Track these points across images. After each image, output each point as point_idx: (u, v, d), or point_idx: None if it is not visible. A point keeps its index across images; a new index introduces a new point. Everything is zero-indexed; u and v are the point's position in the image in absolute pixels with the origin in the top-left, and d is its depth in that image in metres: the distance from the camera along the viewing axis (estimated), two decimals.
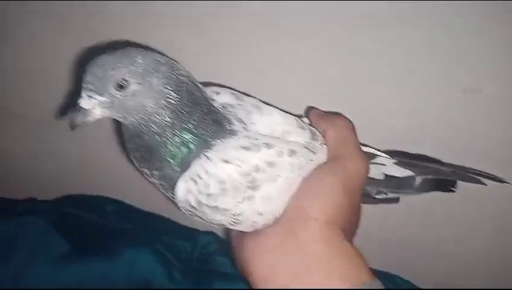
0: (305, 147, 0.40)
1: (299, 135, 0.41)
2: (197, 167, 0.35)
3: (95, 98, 0.33)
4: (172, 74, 0.34)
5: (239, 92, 0.42)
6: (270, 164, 0.37)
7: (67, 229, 0.66)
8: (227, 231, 0.46)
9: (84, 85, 0.33)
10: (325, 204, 0.38)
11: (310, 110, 0.49)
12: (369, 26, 0.46)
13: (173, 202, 0.39)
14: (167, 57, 0.35)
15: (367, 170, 0.43)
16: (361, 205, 0.44)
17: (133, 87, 0.33)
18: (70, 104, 0.34)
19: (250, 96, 0.42)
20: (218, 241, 0.70)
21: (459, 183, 0.49)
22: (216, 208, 0.36)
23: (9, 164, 0.77)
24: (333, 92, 0.54)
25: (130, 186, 0.71)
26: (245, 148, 0.36)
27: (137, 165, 0.38)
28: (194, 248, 0.68)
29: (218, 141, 0.36)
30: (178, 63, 0.36)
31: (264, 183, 0.37)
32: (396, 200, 0.49)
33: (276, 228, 0.38)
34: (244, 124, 0.39)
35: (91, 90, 0.32)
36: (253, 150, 0.37)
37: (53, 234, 0.65)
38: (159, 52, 0.35)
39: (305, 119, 0.47)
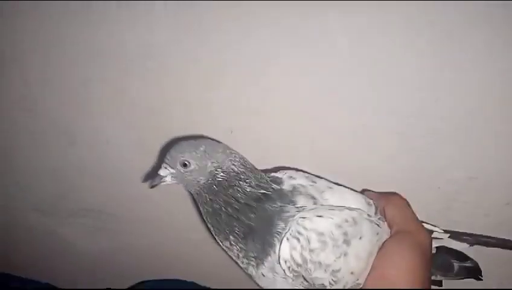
0: (373, 221, 0.44)
1: (367, 210, 0.45)
2: (295, 225, 0.40)
3: (168, 170, 0.45)
4: (225, 161, 0.44)
5: (312, 174, 0.47)
6: (354, 220, 0.41)
7: None
8: None
9: (164, 159, 0.45)
10: (410, 275, 0.40)
11: (364, 191, 0.53)
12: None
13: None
14: (229, 149, 0.45)
15: (432, 243, 0.45)
16: None
17: (192, 167, 0.44)
18: (154, 173, 0.46)
19: (322, 178, 0.47)
20: None
21: None
22: (319, 263, 0.39)
23: (82, 257, 0.82)
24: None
25: (200, 267, 0.74)
26: (331, 209, 0.42)
27: (214, 233, 0.45)
28: None
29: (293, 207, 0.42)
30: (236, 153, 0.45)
31: (353, 238, 0.40)
32: (440, 283, 0.51)
33: None
34: (316, 199, 0.44)
35: (167, 163, 0.45)
36: (338, 210, 0.42)
37: None
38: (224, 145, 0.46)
39: None
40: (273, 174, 0.46)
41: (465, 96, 0.52)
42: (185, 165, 0.43)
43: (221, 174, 0.43)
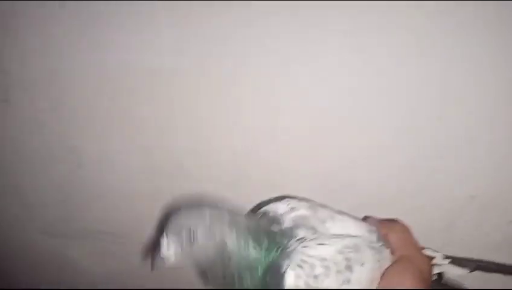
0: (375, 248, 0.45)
1: (369, 237, 0.46)
2: (298, 255, 0.40)
3: (171, 247, 0.41)
4: (231, 221, 0.42)
5: (316, 203, 0.47)
6: (356, 247, 0.42)
7: None
8: None
9: (165, 236, 0.41)
10: None
11: (366, 218, 0.53)
12: None
13: None
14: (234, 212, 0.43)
15: (432, 270, 0.47)
16: None
17: (200, 241, 0.41)
18: (155, 250, 0.41)
19: (325, 206, 0.47)
20: None
21: None
22: None
23: (91, 280, 0.83)
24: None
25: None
26: (332, 237, 0.42)
27: None
28: None
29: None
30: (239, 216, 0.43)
31: (355, 265, 0.41)
32: None
33: None
34: (316, 229, 0.44)
35: (169, 241, 0.41)
36: (339, 238, 0.43)
37: None
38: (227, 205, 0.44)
39: None
40: (273, 208, 0.46)
41: (468, 114, 0.53)
42: (191, 239, 0.41)
43: (229, 241, 0.41)
